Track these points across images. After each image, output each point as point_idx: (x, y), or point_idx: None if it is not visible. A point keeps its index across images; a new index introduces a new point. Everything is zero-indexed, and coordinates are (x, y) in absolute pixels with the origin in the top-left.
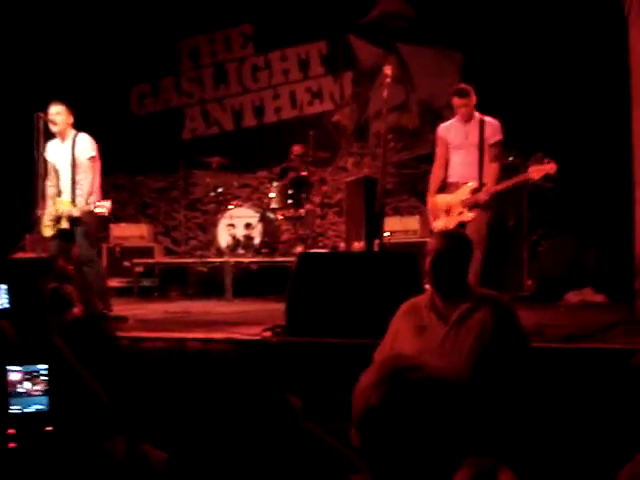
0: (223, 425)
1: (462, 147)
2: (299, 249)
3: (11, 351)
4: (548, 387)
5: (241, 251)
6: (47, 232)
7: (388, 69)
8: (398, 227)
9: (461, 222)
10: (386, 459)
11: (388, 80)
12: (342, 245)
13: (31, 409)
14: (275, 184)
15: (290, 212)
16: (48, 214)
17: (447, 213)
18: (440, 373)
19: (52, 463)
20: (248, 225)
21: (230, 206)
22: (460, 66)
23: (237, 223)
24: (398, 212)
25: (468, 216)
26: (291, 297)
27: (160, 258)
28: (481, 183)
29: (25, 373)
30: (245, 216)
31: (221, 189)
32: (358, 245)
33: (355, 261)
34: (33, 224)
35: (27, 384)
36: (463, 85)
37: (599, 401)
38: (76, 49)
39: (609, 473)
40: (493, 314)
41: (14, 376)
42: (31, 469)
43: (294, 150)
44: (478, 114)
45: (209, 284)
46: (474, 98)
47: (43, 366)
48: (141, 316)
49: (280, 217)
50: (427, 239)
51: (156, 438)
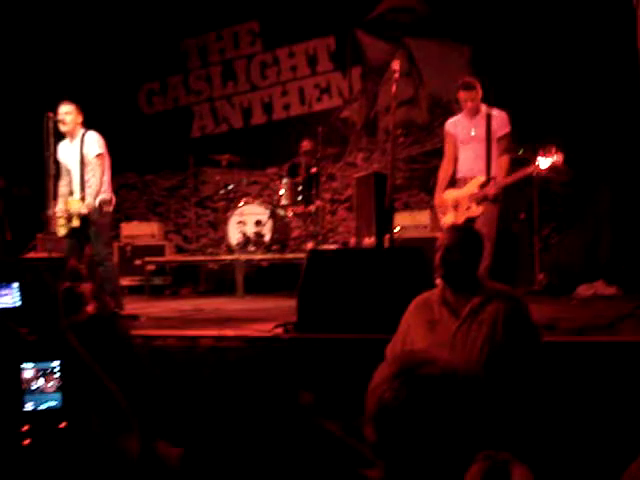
0: (236, 421)
1: (469, 142)
2: (309, 245)
3: (24, 348)
4: (561, 380)
5: (252, 248)
6: (61, 231)
7: (396, 64)
8: (408, 222)
9: (470, 217)
10: (400, 454)
11: (396, 75)
12: (353, 241)
13: (45, 406)
14: (285, 181)
15: (300, 209)
16: (59, 212)
17: (455, 208)
18: (453, 367)
19: (66, 460)
20: (258, 222)
21: (240, 203)
22: (469, 60)
23: (247, 220)
24: (408, 207)
25: (476, 211)
26: (302, 294)
27: (171, 256)
28: (489, 177)
29: (38, 370)
30: (255, 213)
31: (231, 186)
32: (369, 241)
33: (365, 257)
34: (44, 224)
35: (40, 381)
36: (468, 78)
37: (612, 394)
38: (85, 49)
39: (623, 467)
40: (504, 308)
41: (27, 373)
42: (46, 466)
43: (303, 146)
44: (485, 107)
45: (220, 281)
46: (480, 91)
47: (56, 363)
48: (153, 314)
49: (290, 214)
50: (438, 234)
51: (170, 435)
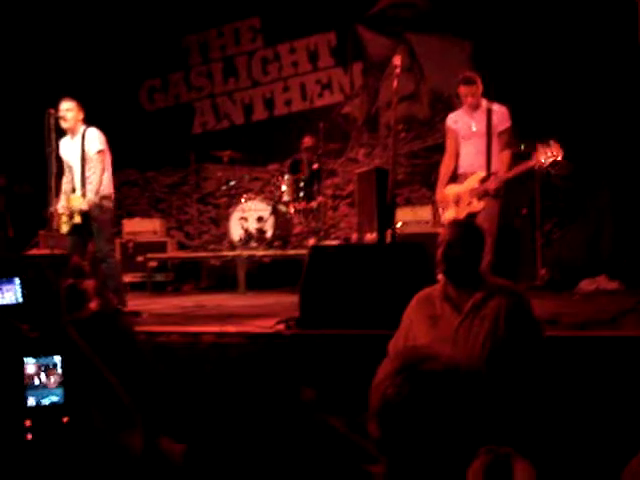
0: (239, 417)
1: (470, 137)
2: (311, 241)
3: (26, 344)
4: (564, 375)
5: (253, 244)
6: (63, 228)
7: (397, 59)
8: (410, 217)
9: (471, 212)
10: (403, 450)
11: (397, 70)
12: (355, 236)
13: (47, 401)
14: (286, 177)
15: (302, 205)
16: (61, 209)
17: (457, 204)
18: (455, 363)
19: (69, 454)
20: (260, 218)
21: (242, 200)
22: (470, 55)
23: (249, 216)
24: (410, 202)
25: (478, 206)
26: (304, 290)
27: (173, 253)
28: (489, 172)
29: (40, 365)
30: (257, 209)
31: (233, 183)
32: (371, 236)
33: (367, 252)
34: (46, 221)
35: (42, 376)
36: (469, 73)
37: (615, 389)
38: (86, 45)
39: (624, 461)
40: (506, 303)
41: (29, 369)
42: (48, 461)
43: (304, 142)
44: (485, 102)
45: (222, 278)
46: (481, 86)
47: (58, 358)
48: (155, 311)
49: (292, 210)
50: (439, 230)
51: (173, 431)
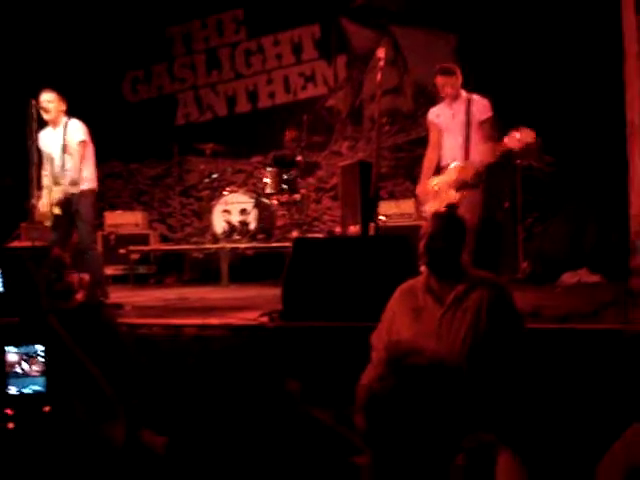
0: (222, 410)
1: (451, 129)
2: (295, 234)
3: (8, 332)
4: (545, 367)
5: (237, 237)
6: (47, 221)
7: (381, 52)
8: (394, 211)
9: (448, 204)
10: (389, 442)
11: (381, 63)
12: (338, 229)
13: (28, 390)
14: (269, 169)
15: (285, 197)
16: (43, 207)
17: (436, 196)
18: (440, 357)
19: (50, 443)
20: (243, 211)
21: (225, 192)
22: (454, 48)
23: (232, 209)
24: (393, 196)
25: (455, 197)
26: (287, 282)
27: (156, 245)
28: (468, 162)
29: (22, 354)
30: (240, 202)
31: (216, 175)
32: (354, 229)
33: (350, 245)
34: (28, 213)
35: (24, 365)
36: (447, 64)
37: (596, 381)
38: (68, 36)
39: (604, 449)
40: (489, 295)
41: (11, 357)
42: (30, 449)
43: (288, 135)
44: (465, 93)
45: (205, 270)
46: (460, 77)
47: (40, 347)
48: (138, 303)
49: (275, 202)
50: (422, 222)
51: (155, 423)
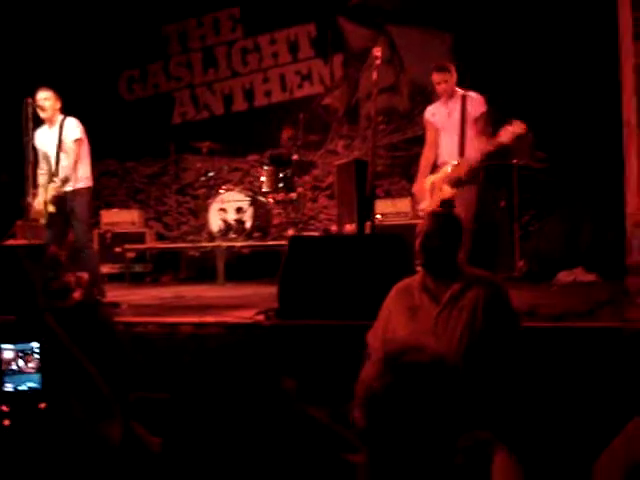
0: (218, 408)
1: (447, 127)
2: (290, 232)
3: (4, 330)
4: (541, 366)
5: (233, 235)
6: (42, 219)
7: (377, 51)
8: (390, 209)
9: (443, 199)
10: (387, 440)
11: (378, 62)
12: (334, 228)
13: (24, 386)
14: (266, 168)
15: (281, 196)
16: (38, 202)
17: (431, 193)
18: (441, 354)
19: (46, 441)
20: (239, 209)
21: (221, 190)
22: (450, 47)
23: (228, 207)
24: (389, 194)
25: (449, 192)
26: (283, 280)
27: (152, 243)
28: (462, 158)
29: (18, 351)
30: (236, 200)
31: (212, 173)
32: (350, 228)
33: (346, 243)
34: (24, 211)
35: (20, 362)
36: (443, 62)
37: (591, 379)
38: (64, 34)
39: (601, 447)
40: (484, 294)
41: (7, 354)
42: (26, 446)
43: (284, 133)
44: (461, 91)
45: (201, 269)
46: (455, 75)
47: (36, 344)
48: (134, 301)
49: (271, 201)
50: (418, 221)
51: (151, 422)
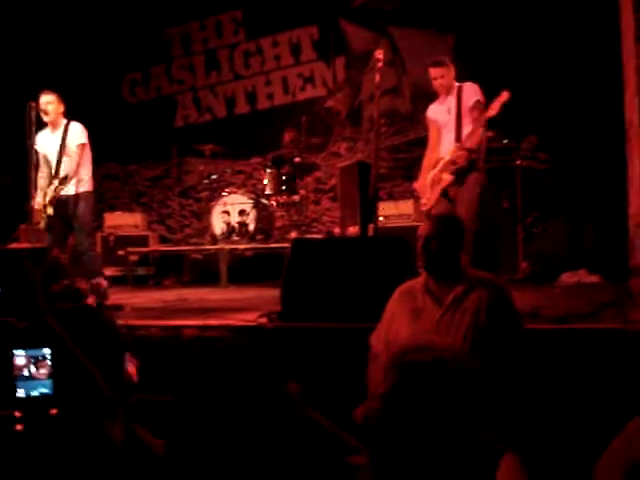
0: (221, 411)
1: (447, 124)
2: (293, 235)
3: (15, 335)
4: (544, 368)
5: (236, 238)
6: (42, 224)
7: (379, 53)
8: (392, 211)
9: (443, 188)
10: (392, 441)
11: (380, 64)
12: (337, 230)
13: (36, 392)
14: (268, 170)
15: (284, 198)
16: (37, 205)
17: (432, 187)
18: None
19: (57, 446)
20: (242, 212)
21: (224, 193)
22: (452, 48)
23: (231, 210)
24: (392, 197)
25: (448, 179)
26: (286, 283)
27: (155, 246)
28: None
29: (30, 357)
30: (239, 203)
31: (215, 176)
32: (353, 230)
33: (349, 246)
34: (27, 215)
35: (32, 368)
36: (439, 57)
37: (595, 381)
38: (67, 38)
39: (602, 448)
40: (487, 296)
41: (20, 360)
42: (38, 452)
43: (286, 136)
44: (457, 84)
45: (204, 271)
46: (452, 71)
47: (47, 350)
48: (137, 305)
49: (274, 203)
50: (420, 223)
51: (154, 425)
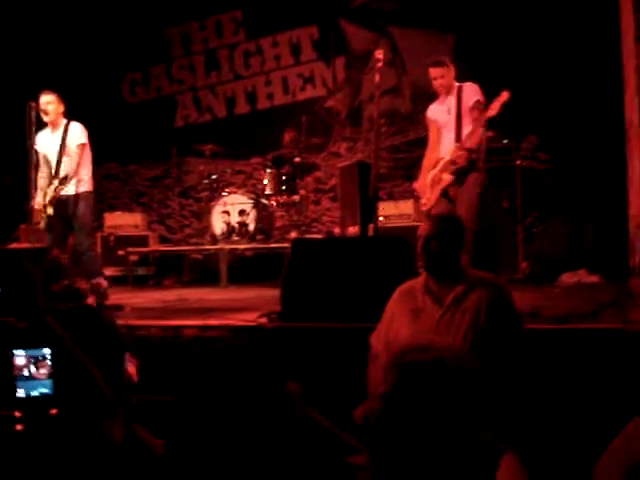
0: (221, 411)
1: (448, 123)
2: (293, 235)
3: (15, 335)
4: (544, 368)
5: (236, 238)
6: (42, 224)
7: (379, 53)
8: (393, 211)
9: (443, 188)
10: (392, 441)
11: (380, 64)
12: (337, 230)
13: (36, 392)
14: (269, 170)
15: (284, 198)
16: (37, 205)
17: (432, 187)
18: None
19: (58, 446)
20: (242, 212)
21: (224, 193)
22: (452, 48)
23: (231, 210)
24: (392, 197)
25: (448, 179)
26: (286, 283)
27: (155, 246)
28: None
29: (30, 357)
30: (239, 203)
31: (215, 176)
32: (353, 230)
33: (349, 246)
34: (27, 215)
35: (32, 368)
36: (439, 56)
37: (595, 381)
38: (67, 38)
39: (602, 448)
40: (487, 296)
41: (19, 360)
42: (38, 452)
43: (286, 136)
44: (457, 84)
45: (204, 271)
46: (452, 71)
47: (47, 350)
48: (137, 304)
49: (274, 203)
50: (419, 223)
51: (154, 425)
